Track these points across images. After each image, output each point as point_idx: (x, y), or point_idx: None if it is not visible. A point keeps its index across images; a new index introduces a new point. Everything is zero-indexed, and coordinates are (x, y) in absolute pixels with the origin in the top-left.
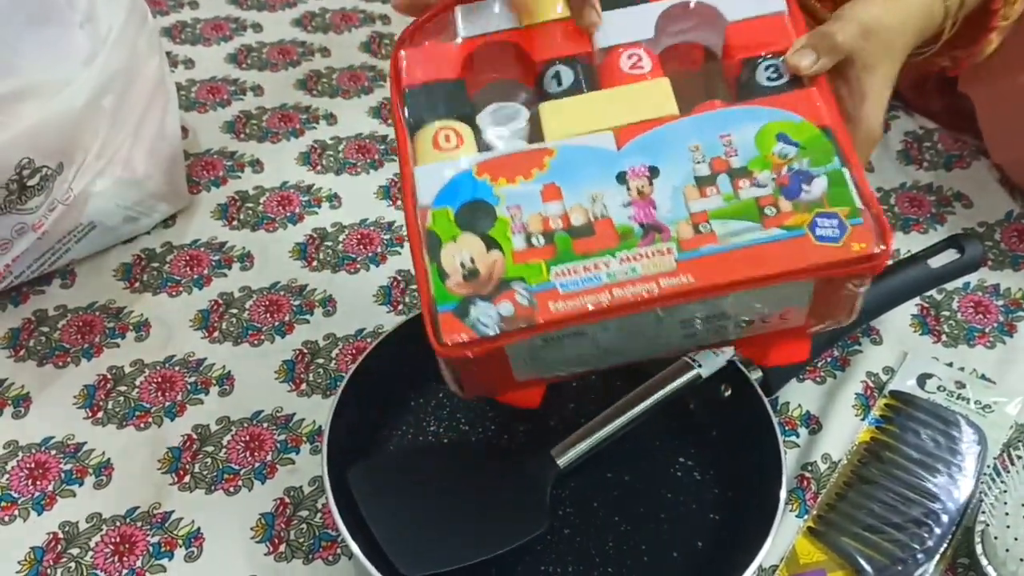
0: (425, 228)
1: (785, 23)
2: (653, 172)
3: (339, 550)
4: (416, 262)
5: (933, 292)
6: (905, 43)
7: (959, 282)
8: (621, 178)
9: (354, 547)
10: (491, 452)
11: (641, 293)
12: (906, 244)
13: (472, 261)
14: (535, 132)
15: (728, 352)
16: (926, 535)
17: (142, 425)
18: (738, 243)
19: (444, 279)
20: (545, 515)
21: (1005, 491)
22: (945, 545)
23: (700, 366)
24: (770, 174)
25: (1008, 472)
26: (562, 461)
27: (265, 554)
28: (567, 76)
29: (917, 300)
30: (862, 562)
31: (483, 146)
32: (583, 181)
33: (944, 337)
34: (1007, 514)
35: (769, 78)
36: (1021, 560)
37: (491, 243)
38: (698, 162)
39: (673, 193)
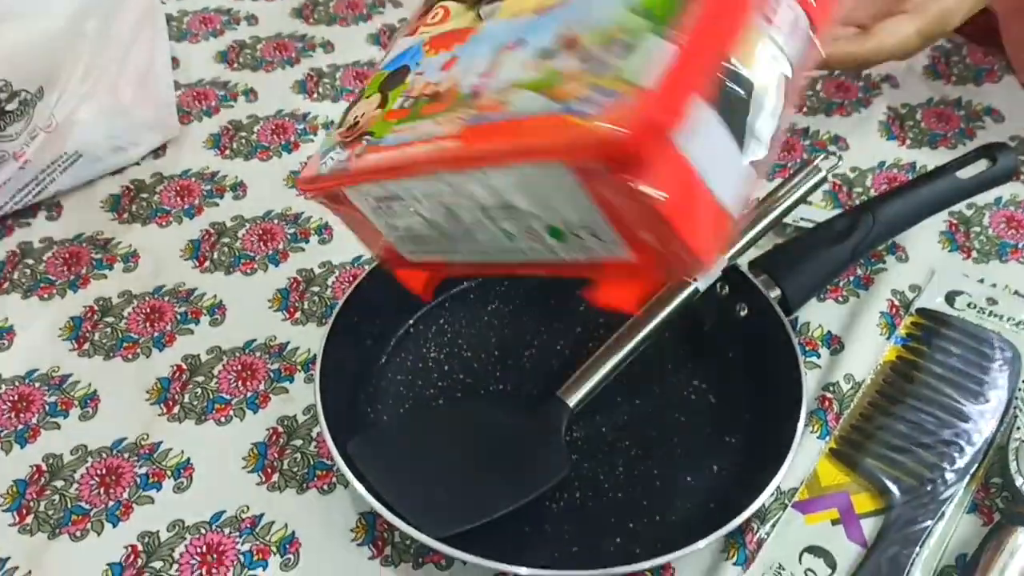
0: (363, 87)
1: None
2: (521, 43)
3: (334, 479)
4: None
5: (962, 208)
6: None
7: (990, 197)
8: (496, 51)
9: (349, 475)
10: (496, 403)
11: (415, 153)
12: (933, 160)
13: (362, 115)
14: None
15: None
16: (956, 455)
17: (130, 356)
18: (515, 112)
19: (339, 128)
20: (566, 459)
21: None
22: (976, 465)
23: (695, 279)
24: (599, 47)
25: None
26: (572, 401)
27: (257, 484)
28: None
29: (945, 216)
30: (888, 483)
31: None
32: (476, 56)
33: (974, 253)
34: None
35: None
36: None
37: (384, 102)
38: (558, 33)
39: (518, 64)
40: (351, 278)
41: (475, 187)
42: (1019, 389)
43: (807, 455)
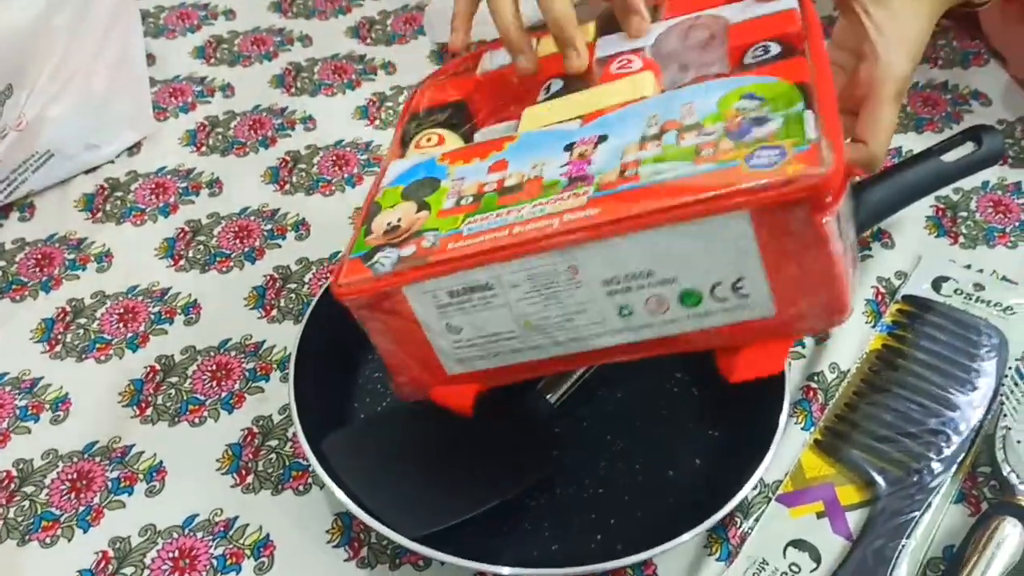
0: (372, 201)
1: (795, 16)
2: (601, 139)
3: (310, 480)
4: (356, 232)
5: (949, 192)
6: None
7: (977, 181)
8: (569, 147)
9: (324, 476)
10: (476, 400)
11: (541, 229)
12: (920, 144)
13: (399, 220)
14: None
15: None
16: (943, 444)
17: (102, 358)
18: (659, 179)
19: (367, 236)
20: (547, 456)
21: None
22: (964, 454)
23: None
24: (722, 124)
25: None
26: (553, 397)
27: (232, 486)
28: (556, 84)
29: (931, 201)
30: (874, 474)
31: None
32: (532, 155)
33: (961, 239)
34: None
35: (755, 55)
36: None
37: (423, 206)
38: (650, 126)
39: (613, 151)
40: (328, 274)
41: (608, 257)
42: (1006, 376)
43: (791, 447)
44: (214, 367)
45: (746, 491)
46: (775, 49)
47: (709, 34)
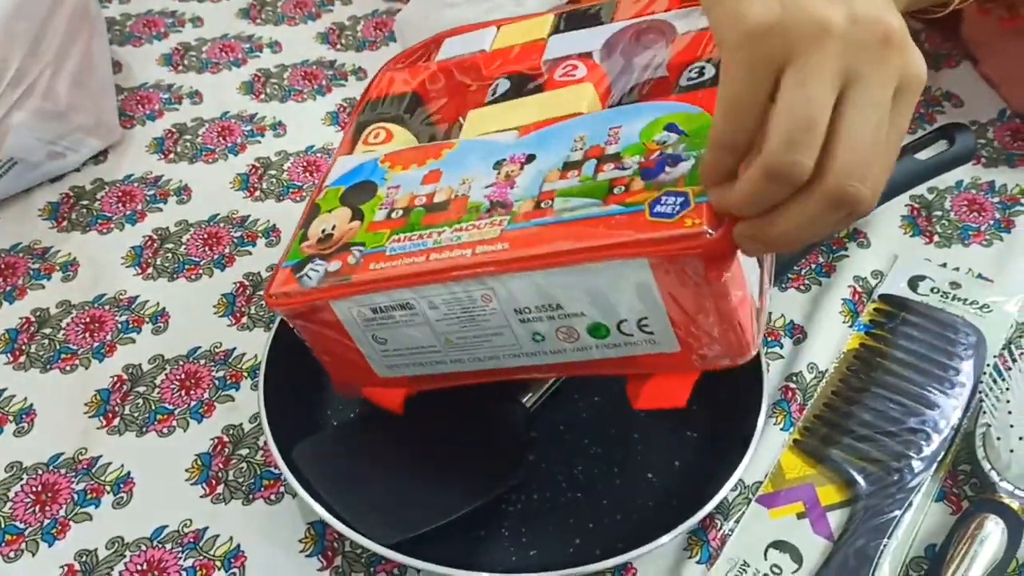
0: (313, 202)
1: None
2: (529, 159)
3: (282, 488)
4: (296, 231)
5: (924, 192)
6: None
7: (951, 180)
8: (498, 165)
9: (296, 484)
10: (449, 404)
11: (455, 259)
12: None
13: (333, 228)
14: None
15: None
16: (923, 443)
17: (68, 368)
18: (568, 217)
19: (303, 242)
20: (522, 461)
21: (1007, 389)
22: (944, 452)
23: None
24: (638, 158)
25: (1010, 371)
26: (528, 400)
27: (201, 496)
28: (503, 86)
29: (906, 201)
30: (854, 474)
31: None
32: (465, 168)
33: (937, 237)
34: (1010, 413)
35: (689, 78)
36: None
37: (357, 215)
38: (575, 150)
39: (536, 176)
40: None
41: (518, 289)
42: (984, 374)
43: (771, 448)
44: (183, 376)
45: (725, 492)
46: (709, 72)
47: (657, 39)
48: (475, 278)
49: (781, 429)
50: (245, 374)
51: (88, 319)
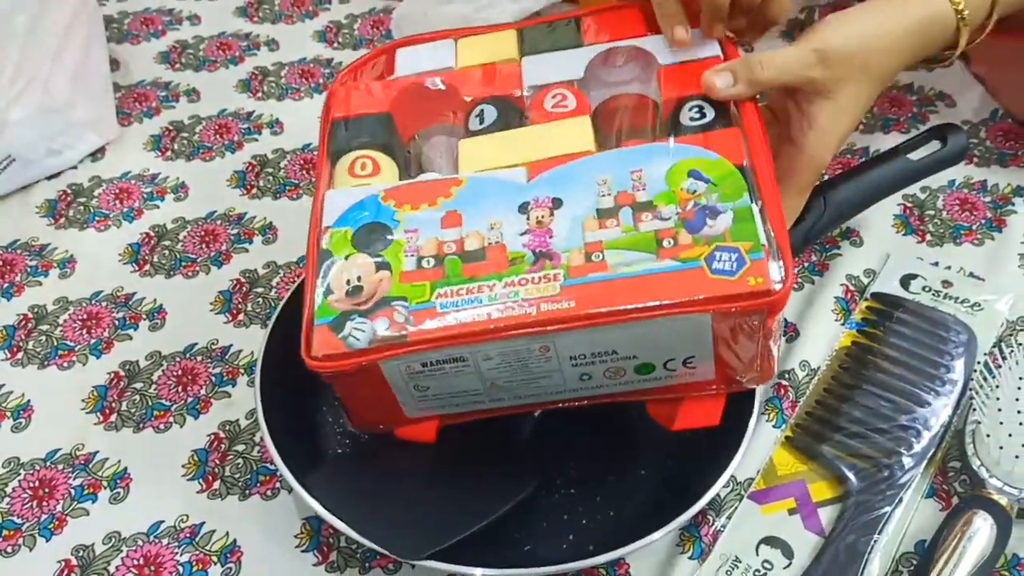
0: (320, 247)
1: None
2: (556, 203)
3: (278, 484)
4: (308, 279)
5: (916, 191)
6: (890, 64)
7: (943, 180)
8: (523, 208)
9: (291, 480)
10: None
11: (519, 316)
12: (886, 144)
13: (359, 279)
14: (455, 169)
15: None
16: (913, 439)
17: (65, 364)
18: (628, 272)
19: (328, 295)
20: (534, 466)
21: (997, 387)
22: (934, 449)
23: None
24: (675, 208)
25: (999, 369)
26: (537, 411)
27: (198, 492)
28: (490, 115)
29: (899, 200)
30: (845, 470)
31: (405, 178)
32: (486, 210)
33: (929, 236)
34: (1000, 410)
35: (692, 117)
36: (1016, 457)
37: (381, 264)
38: (603, 195)
39: (572, 223)
40: (296, 278)
41: (578, 341)
42: (974, 371)
43: (763, 444)
44: (180, 372)
45: (717, 488)
46: (710, 113)
47: (638, 64)
48: (544, 335)
49: (773, 426)
50: (242, 370)
51: (85, 316)
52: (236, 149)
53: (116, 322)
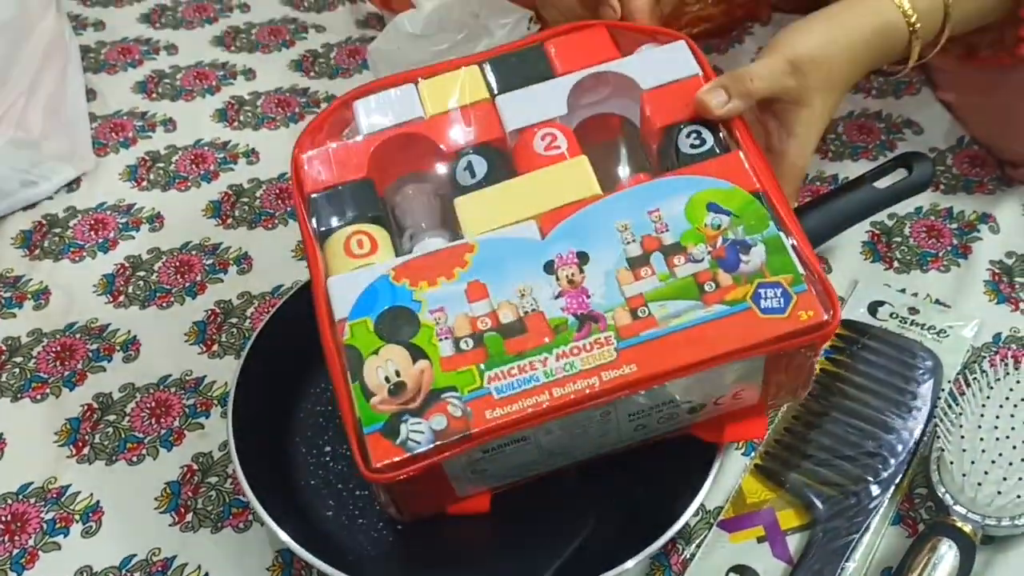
0: (343, 343)
1: (701, 85)
2: (582, 258)
3: (250, 516)
4: (336, 381)
5: (884, 218)
6: (850, 72)
7: (910, 207)
8: (549, 268)
9: (262, 512)
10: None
11: (583, 389)
12: (855, 172)
13: (397, 374)
14: (453, 228)
15: None
16: (880, 466)
17: (38, 397)
18: (680, 324)
19: (368, 398)
20: (585, 508)
21: (961, 414)
22: (900, 476)
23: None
24: (705, 247)
25: (964, 396)
26: None
27: (170, 524)
28: (480, 166)
29: (867, 227)
30: (813, 498)
31: (400, 249)
32: (509, 275)
33: (896, 263)
34: (963, 438)
35: (692, 144)
36: (979, 484)
37: (417, 352)
38: (628, 242)
39: (606, 278)
40: (270, 308)
41: (639, 399)
42: (939, 398)
43: (732, 472)
44: (153, 404)
45: (687, 517)
46: (708, 138)
47: (620, 91)
48: (611, 403)
49: (743, 454)
50: (215, 402)
51: (59, 347)
52: (212, 179)
53: (90, 354)
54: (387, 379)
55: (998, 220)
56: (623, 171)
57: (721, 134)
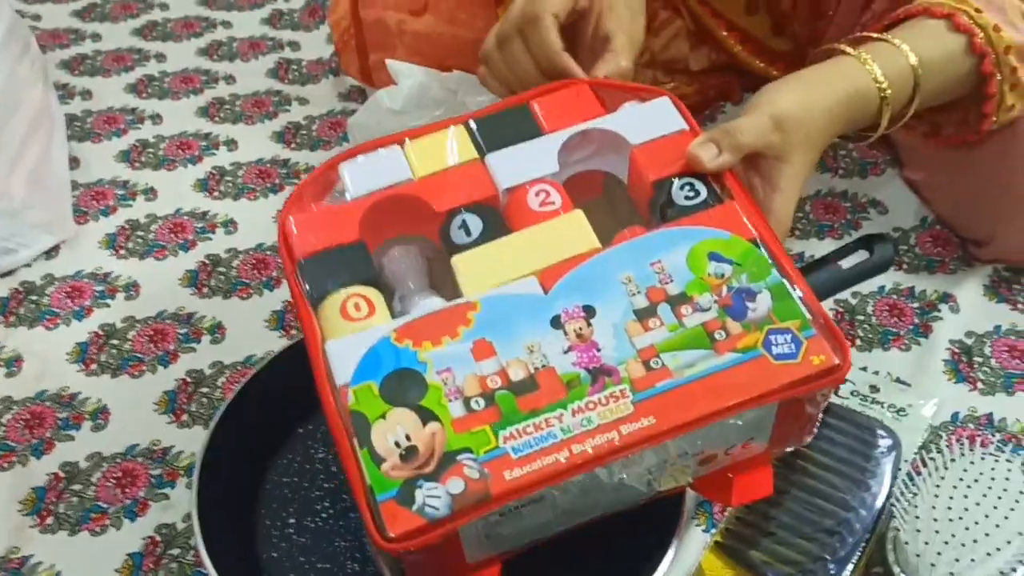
0: (348, 409)
1: (690, 139)
2: (589, 311)
3: None
4: (342, 449)
5: (848, 296)
6: (828, 131)
7: (874, 286)
8: (556, 323)
9: None
10: None
11: (602, 444)
12: (821, 250)
13: (408, 438)
14: (450, 286)
15: None
16: (838, 544)
17: (5, 465)
18: (695, 374)
19: (379, 464)
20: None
21: (916, 495)
22: (858, 554)
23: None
24: (711, 296)
25: (920, 476)
26: None
27: None
28: (475, 224)
29: (831, 305)
30: (772, 575)
31: (394, 312)
32: (515, 332)
33: (859, 341)
34: (918, 518)
35: (687, 196)
36: (932, 565)
37: (426, 415)
38: (634, 294)
39: (615, 331)
40: (240, 378)
41: (656, 453)
42: (895, 478)
43: (692, 549)
44: (120, 474)
45: None
46: (702, 190)
47: (609, 147)
48: (628, 457)
49: (703, 531)
50: (182, 472)
51: (28, 415)
52: (190, 248)
53: (59, 422)
54: (397, 444)
55: (959, 300)
56: (615, 226)
57: (714, 186)
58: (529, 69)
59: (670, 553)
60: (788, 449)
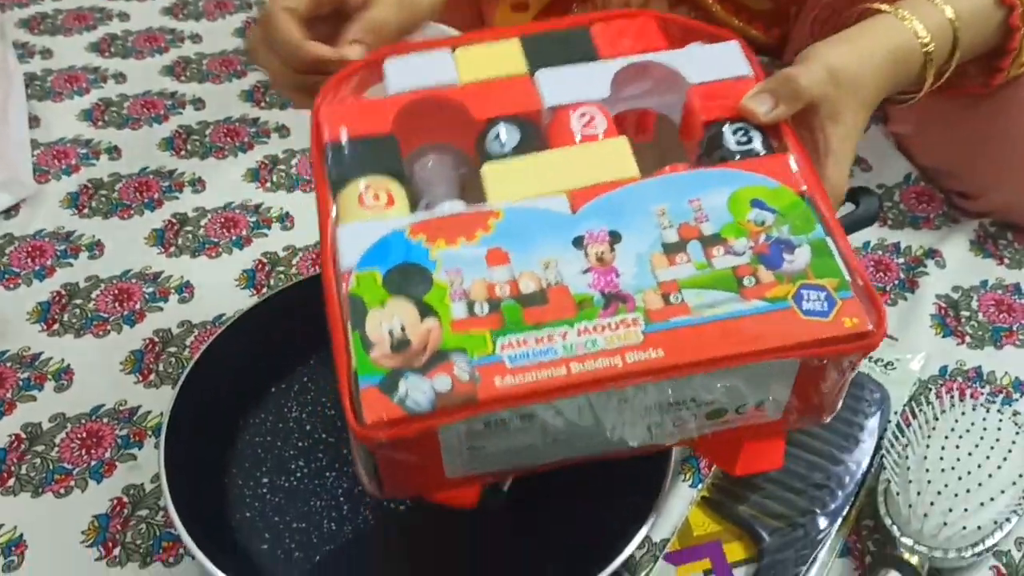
0: (347, 292)
1: (752, 86)
2: (614, 237)
3: (181, 550)
4: (335, 332)
5: None
6: (878, 89)
7: (859, 242)
8: (578, 243)
9: (192, 546)
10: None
11: (603, 368)
12: None
13: (403, 330)
14: (477, 196)
15: None
16: (827, 498)
17: None
18: (714, 315)
19: (368, 349)
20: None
21: (907, 446)
22: (848, 508)
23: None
24: (747, 241)
25: (910, 428)
26: (505, 486)
27: (96, 559)
28: (511, 135)
29: None
30: (760, 530)
31: (417, 208)
32: (534, 246)
33: None
34: (909, 469)
35: (739, 141)
36: (925, 516)
37: (426, 310)
38: (665, 227)
39: (638, 260)
40: (208, 336)
41: (659, 391)
42: (886, 431)
43: (679, 504)
44: (84, 435)
45: (631, 550)
46: (756, 137)
47: (665, 82)
48: (631, 386)
49: (690, 486)
50: (149, 432)
51: None
52: (156, 207)
53: (20, 382)
54: (391, 333)
55: (944, 255)
56: (656, 164)
57: (769, 137)
58: (284, 67)
59: (656, 508)
60: (805, 424)
